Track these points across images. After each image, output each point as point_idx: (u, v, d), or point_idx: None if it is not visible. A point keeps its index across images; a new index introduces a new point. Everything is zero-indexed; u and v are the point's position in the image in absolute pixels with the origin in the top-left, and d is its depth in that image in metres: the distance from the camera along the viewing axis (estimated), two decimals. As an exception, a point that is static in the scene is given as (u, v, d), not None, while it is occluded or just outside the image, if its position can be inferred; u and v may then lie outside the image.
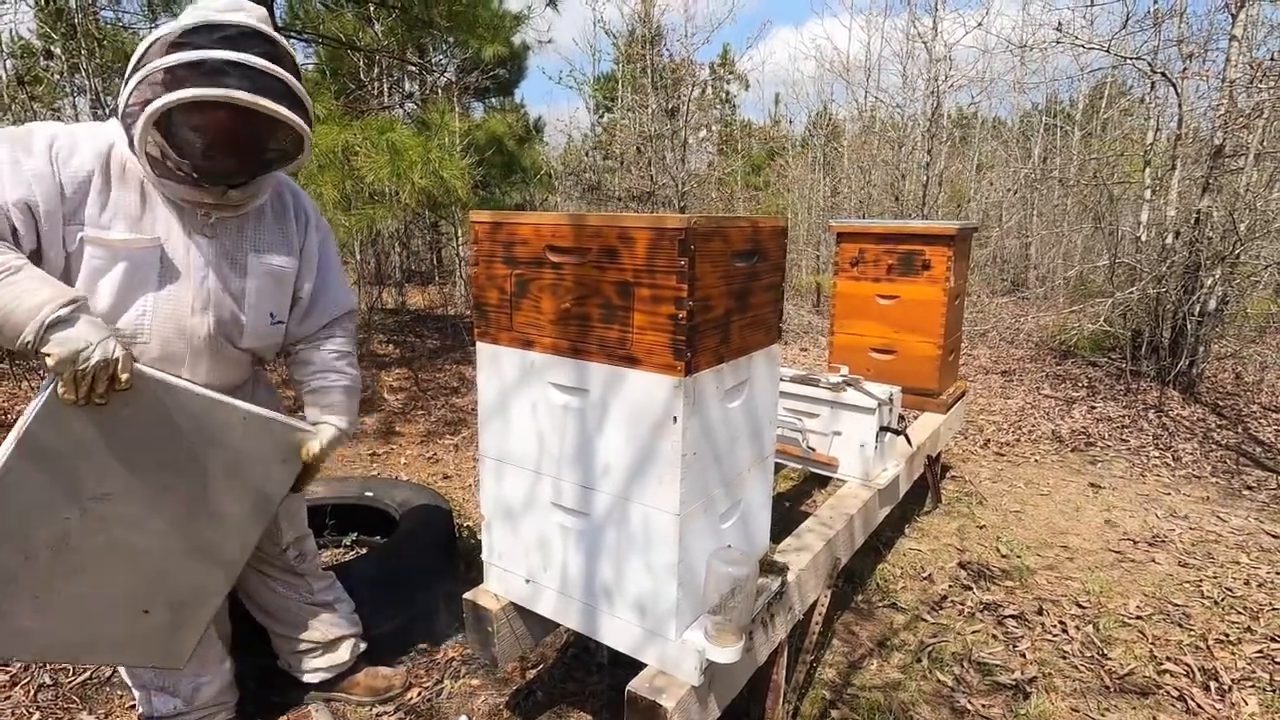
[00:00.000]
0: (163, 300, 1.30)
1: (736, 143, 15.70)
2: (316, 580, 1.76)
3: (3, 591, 1.19)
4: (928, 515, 3.15)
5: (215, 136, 1.20)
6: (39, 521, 1.18)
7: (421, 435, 4.16)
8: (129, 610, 1.32)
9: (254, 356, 1.50)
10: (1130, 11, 5.80)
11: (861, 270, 3.08)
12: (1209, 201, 4.95)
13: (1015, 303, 9.41)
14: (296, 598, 1.73)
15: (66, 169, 1.19)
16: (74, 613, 1.27)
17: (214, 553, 1.37)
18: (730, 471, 1.49)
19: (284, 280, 1.46)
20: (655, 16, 9.37)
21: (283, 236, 1.45)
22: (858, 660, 2.14)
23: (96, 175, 1.22)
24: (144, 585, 1.32)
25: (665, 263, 1.24)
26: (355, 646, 1.84)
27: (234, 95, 1.15)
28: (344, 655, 1.81)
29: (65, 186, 1.19)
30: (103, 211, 1.23)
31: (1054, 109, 12.45)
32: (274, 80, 1.20)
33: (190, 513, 1.31)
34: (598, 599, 1.47)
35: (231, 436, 1.32)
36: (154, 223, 1.27)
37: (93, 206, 1.22)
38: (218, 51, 1.16)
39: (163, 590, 1.34)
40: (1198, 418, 4.62)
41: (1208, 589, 2.57)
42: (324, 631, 1.76)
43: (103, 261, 1.23)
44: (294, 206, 1.49)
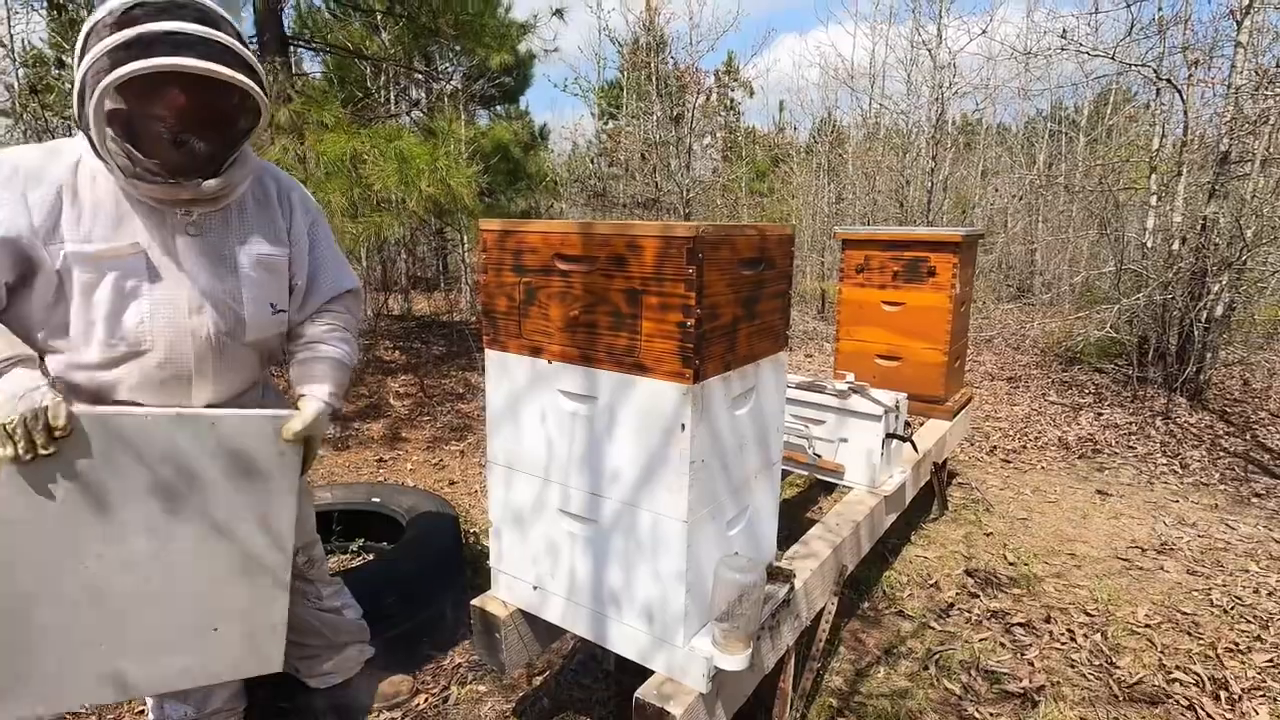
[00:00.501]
0: (159, 305, 1.28)
1: (741, 149, 15.74)
2: (324, 586, 1.76)
3: (66, 644, 1.19)
4: (934, 522, 3.14)
5: (170, 118, 1.16)
6: (60, 575, 1.18)
7: (427, 441, 4.17)
8: (197, 633, 1.31)
9: (263, 354, 1.48)
10: (1135, 19, 5.80)
11: (867, 277, 3.08)
12: (1215, 208, 4.94)
13: (1021, 309, 9.39)
14: (305, 604, 1.72)
15: (33, 195, 1.18)
16: (147, 646, 1.27)
17: (252, 560, 1.35)
18: (738, 478, 1.49)
19: (277, 269, 1.43)
20: (660, 25, 9.43)
21: (269, 225, 1.41)
22: (865, 668, 2.13)
23: (65, 192, 1.21)
24: (198, 607, 1.31)
25: (673, 271, 1.25)
26: (361, 652, 1.84)
27: (176, 63, 1.10)
28: (350, 662, 1.81)
29: (34, 213, 1.18)
30: (79, 226, 1.21)
31: (1059, 115, 12.46)
32: (214, 45, 1.15)
33: (209, 529, 1.31)
34: (605, 606, 1.48)
35: (210, 446, 1.29)
36: (134, 229, 1.25)
37: (69, 223, 1.21)
38: (150, 25, 1.11)
39: (219, 606, 1.33)
40: (1205, 425, 4.60)
41: (1217, 597, 2.56)
42: (330, 637, 1.77)
43: (90, 275, 1.22)
44: (277, 193, 1.45)
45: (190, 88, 1.15)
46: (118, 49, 1.10)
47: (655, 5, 9.27)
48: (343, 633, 1.79)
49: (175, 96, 1.15)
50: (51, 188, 1.20)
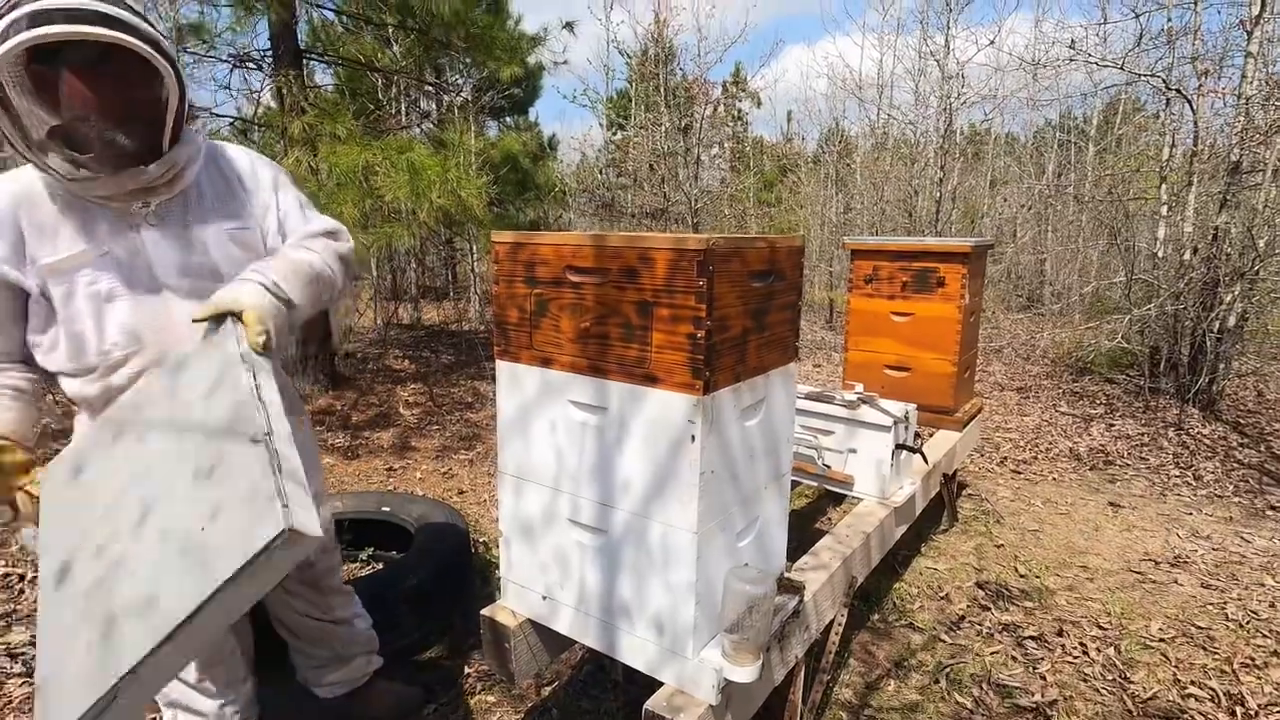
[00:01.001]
0: (141, 304, 1.26)
1: (749, 159, 15.79)
2: (335, 596, 1.75)
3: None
4: (944, 534, 3.13)
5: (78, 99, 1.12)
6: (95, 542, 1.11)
7: (437, 450, 4.18)
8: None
9: None
10: (1144, 29, 5.80)
11: (876, 287, 3.08)
12: (1227, 218, 4.92)
13: (1031, 319, 9.35)
14: (315, 614, 1.73)
15: None
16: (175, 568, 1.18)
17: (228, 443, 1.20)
18: (747, 489, 1.49)
19: (248, 242, 1.39)
20: (668, 37, 9.50)
21: (229, 196, 1.38)
22: (875, 681, 2.12)
23: (21, 214, 1.21)
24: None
25: (684, 283, 1.26)
26: (369, 662, 1.84)
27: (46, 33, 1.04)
28: (358, 672, 1.81)
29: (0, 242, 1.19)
30: (43, 242, 1.21)
31: (1068, 125, 12.44)
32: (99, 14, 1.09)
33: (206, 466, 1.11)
34: (615, 616, 1.48)
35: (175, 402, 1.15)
36: (97, 233, 1.24)
37: (34, 243, 1.21)
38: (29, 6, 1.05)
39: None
40: (1219, 436, 4.56)
41: (1232, 611, 2.53)
42: (339, 649, 1.77)
43: (64, 287, 1.22)
44: (229, 166, 1.41)
45: (89, 67, 1.11)
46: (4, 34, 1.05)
47: (664, 18, 9.35)
48: (352, 644, 1.79)
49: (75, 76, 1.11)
50: (7, 213, 1.20)
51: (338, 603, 1.75)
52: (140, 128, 1.20)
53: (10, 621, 2.30)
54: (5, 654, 2.11)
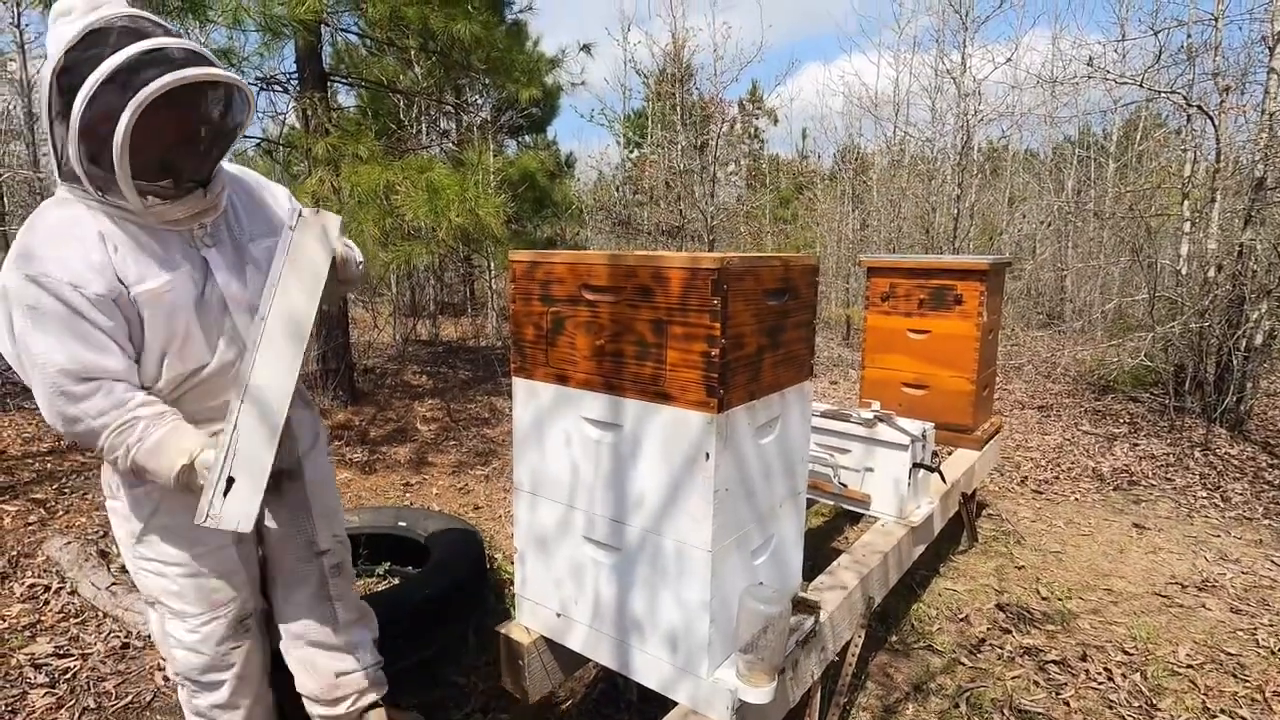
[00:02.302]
0: (213, 321, 1.33)
1: (765, 177, 15.84)
2: (345, 611, 1.63)
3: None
4: (963, 554, 3.08)
5: (173, 131, 1.18)
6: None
7: (453, 466, 4.21)
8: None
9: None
10: (1163, 46, 5.77)
11: (893, 305, 3.07)
12: (1252, 234, 4.84)
13: (1051, 336, 9.23)
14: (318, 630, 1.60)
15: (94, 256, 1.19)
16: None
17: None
18: (763, 508, 1.49)
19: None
20: (685, 56, 9.60)
21: (256, 212, 1.43)
22: (893, 704, 2.08)
23: (105, 243, 1.21)
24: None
25: (699, 301, 1.27)
26: (357, 700, 1.67)
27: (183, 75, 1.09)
28: (341, 710, 1.65)
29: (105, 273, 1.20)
30: (130, 268, 1.23)
31: (1087, 141, 12.36)
32: (188, 51, 1.15)
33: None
34: (629, 634, 1.48)
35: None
36: (172, 258, 1.28)
37: (121, 269, 1.22)
38: (129, 50, 1.09)
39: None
40: (1247, 456, 4.46)
41: (1263, 638, 2.46)
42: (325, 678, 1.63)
43: (153, 310, 1.25)
44: (241, 183, 1.45)
45: (180, 98, 1.13)
46: (106, 84, 1.07)
47: (681, 38, 9.46)
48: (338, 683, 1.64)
49: (171, 110, 1.14)
50: (96, 245, 1.20)
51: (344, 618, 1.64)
52: (216, 154, 1.29)
53: (35, 632, 2.34)
54: (30, 664, 2.15)
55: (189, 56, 1.15)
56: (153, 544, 1.40)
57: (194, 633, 1.44)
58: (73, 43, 1.10)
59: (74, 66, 1.10)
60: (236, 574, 1.47)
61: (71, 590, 2.59)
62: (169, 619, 1.45)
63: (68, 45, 1.11)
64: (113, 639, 2.30)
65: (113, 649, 2.25)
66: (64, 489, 3.55)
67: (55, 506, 3.34)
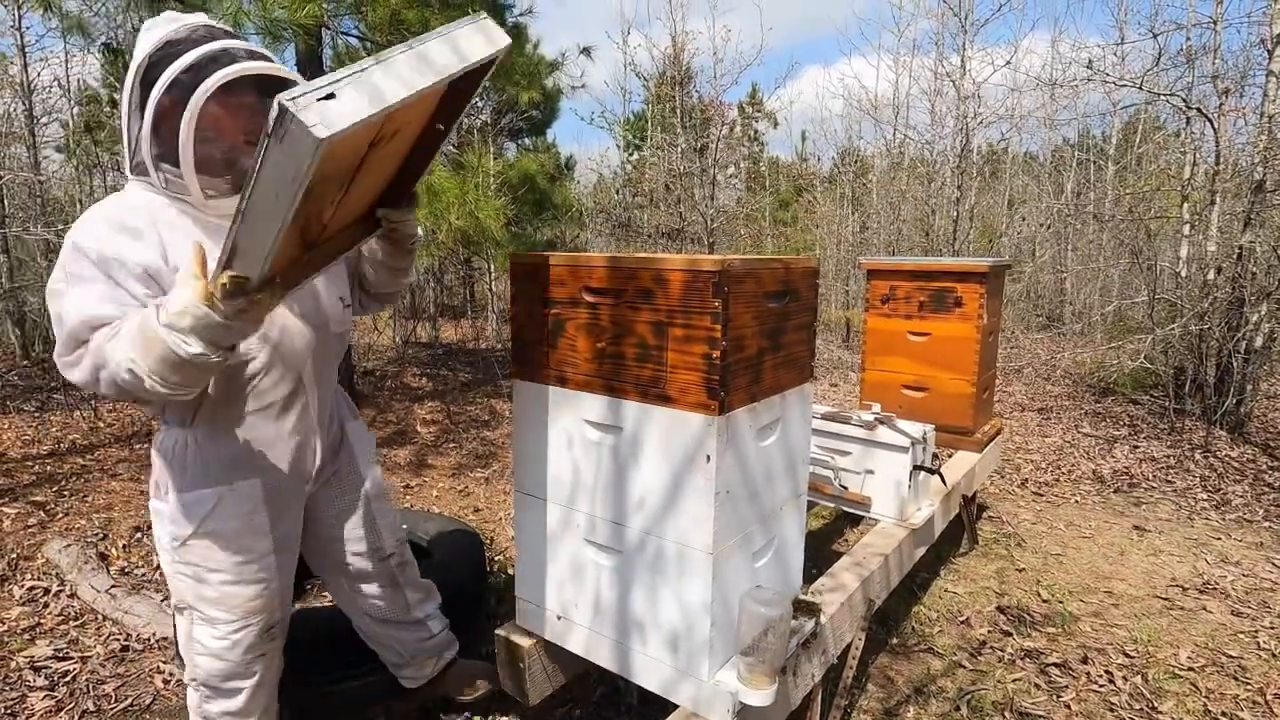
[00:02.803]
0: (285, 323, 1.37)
1: (764, 179, 15.87)
2: (413, 592, 1.80)
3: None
4: (964, 556, 3.08)
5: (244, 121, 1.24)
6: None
7: (453, 468, 4.20)
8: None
9: (340, 353, 1.56)
10: (1162, 48, 5.79)
11: (892, 307, 3.07)
12: (1251, 237, 4.85)
13: (1051, 338, 9.23)
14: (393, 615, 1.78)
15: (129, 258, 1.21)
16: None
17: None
18: (763, 510, 1.49)
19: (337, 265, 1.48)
20: (685, 59, 9.62)
21: None
22: (894, 706, 2.08)
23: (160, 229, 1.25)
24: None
25: (699, 303, 1.27)
26: (440, 661, 1.88)
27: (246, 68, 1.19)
28: (428, 669, 1.87)
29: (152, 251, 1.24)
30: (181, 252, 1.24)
31: (1086, 144, 12.38)
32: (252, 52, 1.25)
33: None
34: (629, 637, 1.47)
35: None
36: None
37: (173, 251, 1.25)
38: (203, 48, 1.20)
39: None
40: (1248, 458, 4.46)
41: (1264, 640, 2.46)
42: (408, 654, 1.82)
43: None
44: None
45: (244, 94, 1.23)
46: (184, 74, 1.18)
47: (681, 41, 9.48)
48: (420, 650, 1.83)
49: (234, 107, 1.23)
50: (148, 223, 1.25)
51: (413, 599, 1.80)
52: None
53: (34, 635, 2.33)
54: (30, 667, 2.15)
55: (252, 56, 1.25)
56: (197, 549, 1.39)
57: (223, 640, 1.45)
58: (155, 47, 1.23)
59: (154, 65, 1.21)
60: (273, 582, 1.48)
61: (71, 593, 2.58)
62: (198, 624, 1.45)
63: (151, 49, 1.23)
64: (112, 642, 2.30)
65: (112, 652, 2.25)
66: (64, 492, 3.55)
67: (55, 509, 3.34)
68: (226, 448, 1.38)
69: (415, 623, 1.81)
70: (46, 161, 7.76)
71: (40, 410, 4.83)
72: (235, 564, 1.41)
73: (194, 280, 1.02)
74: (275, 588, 1.49)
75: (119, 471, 3.88)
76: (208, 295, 1.01)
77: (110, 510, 3.35)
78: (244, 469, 1.40)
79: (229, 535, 1.40)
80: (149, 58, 1.22)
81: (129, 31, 6.47)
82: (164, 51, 1.21)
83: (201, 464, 1.37)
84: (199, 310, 1.01)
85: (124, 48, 5.91)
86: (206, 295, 1.01)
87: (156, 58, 1.21)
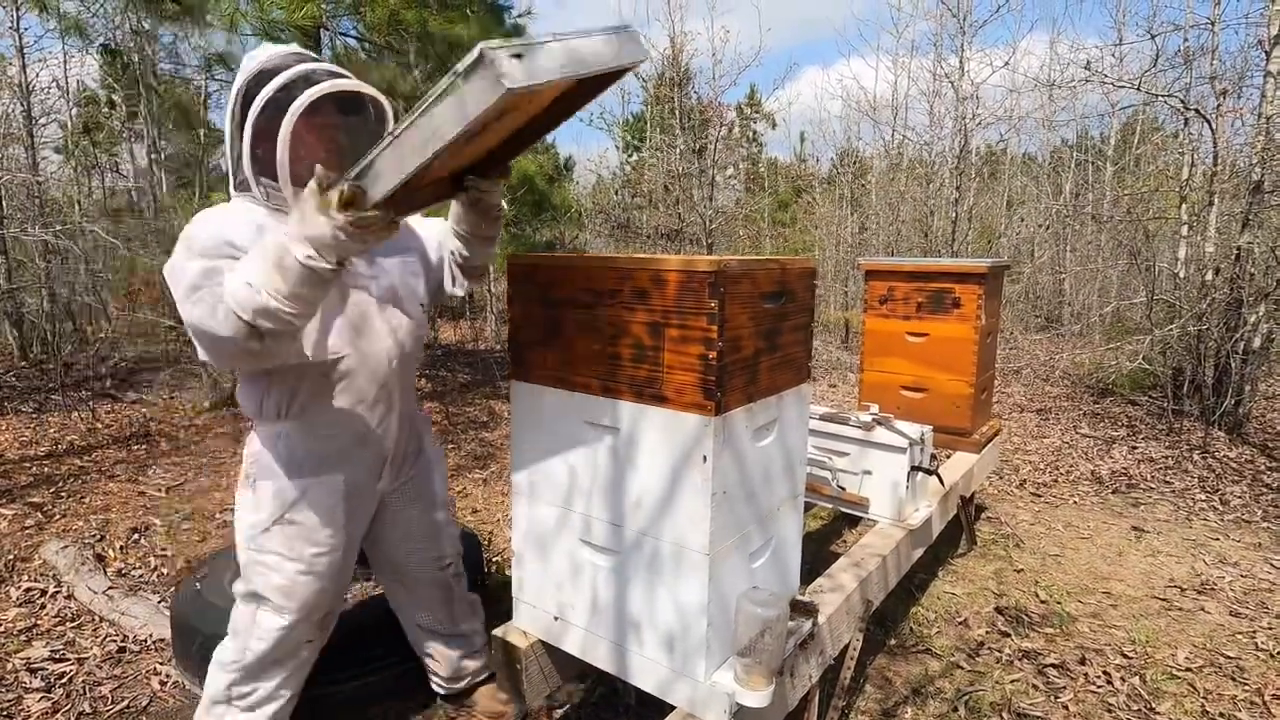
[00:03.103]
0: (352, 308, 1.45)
1: (763, 180, 15.88)
2: (461, 605, 1.87)
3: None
4: (962, 557, 3.08)
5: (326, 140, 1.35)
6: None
7: (451, 469, 4.20)
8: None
9: (417, 357, 1.65)
10: (1160, 49, 5.79)
11: (891, 308, 3.07)
12: (1249, 237, 4.85)
13: (1050, 339, 9.24)
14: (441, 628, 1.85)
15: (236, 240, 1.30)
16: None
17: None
18: (760, 510, 1.48)
19: (412, 267, 1.58)
20: (684, 60, 9.62)
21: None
22: (892, 707, 2.08)
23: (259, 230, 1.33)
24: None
25: (695, 304, 1.27)
26: (473, 679, 1.94)
27: (337, 85, 1.32)
28: (461, 684, 1.93)
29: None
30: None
31: (1085, 144, 12.39)
32: (334, 71, 1.38)
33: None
34: (626, 638, 1.47)
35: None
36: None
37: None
38: (298, 68, 1.34)
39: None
40: (1246, 459, 4.46)
41: (1263, 641, 2.46)
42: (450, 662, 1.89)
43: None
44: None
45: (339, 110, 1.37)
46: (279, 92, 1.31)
47: (679, 42, 9.49)
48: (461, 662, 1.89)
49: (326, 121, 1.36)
50: (248, 222, 1.34)
51: (460, 612, 1.87)
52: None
53: (31, 636, 2.33)
54: (26, 669, 2.14)
55: (333, 75, 1.37)
56: (277, 537, 1.48)
57: (286, 628, 1.53)
58: (253, 74, 1.36)
59: (250, 90, 1.34)
60: (341, 576, 1.59)
61: (68, 594, 2.58)
62: (264, 610, 1.52)
63: (248, 77, 1.36)
64: (109, 643, 2.29)
65: (109, 653, 2.24)
66: (61, 493, 3.54)
67: (52, 510, 3.33)
68: (315, 443, 1.48)
69: (460, 636, 1.88)
70: (45, 162, 7.76)
71: (38, 411, 4.82)
72: (310, 555, 1.50)
73: (314, 193, 1.10)
74: (342, 584, 1.60)
75: (117, 473, 3.88)
76: (325, 204, 1.09)
77: (108, 511, 3.35)
78: (329, 465, 1.50)
79: (309, 526, 1.49)
80: (246, 84, 1.35)
81: (127, 32, 6.47)
82: (259, 79, 1.35)
83: (290, 457, 1.47)
84: (315, 218, 1.10)
85: (122, 48, 5.91)
86: (325, 204, 1.09)
87: (254, 84, 1.34)
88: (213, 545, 3.04)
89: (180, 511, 3.41)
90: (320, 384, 1.45)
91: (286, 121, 1.29)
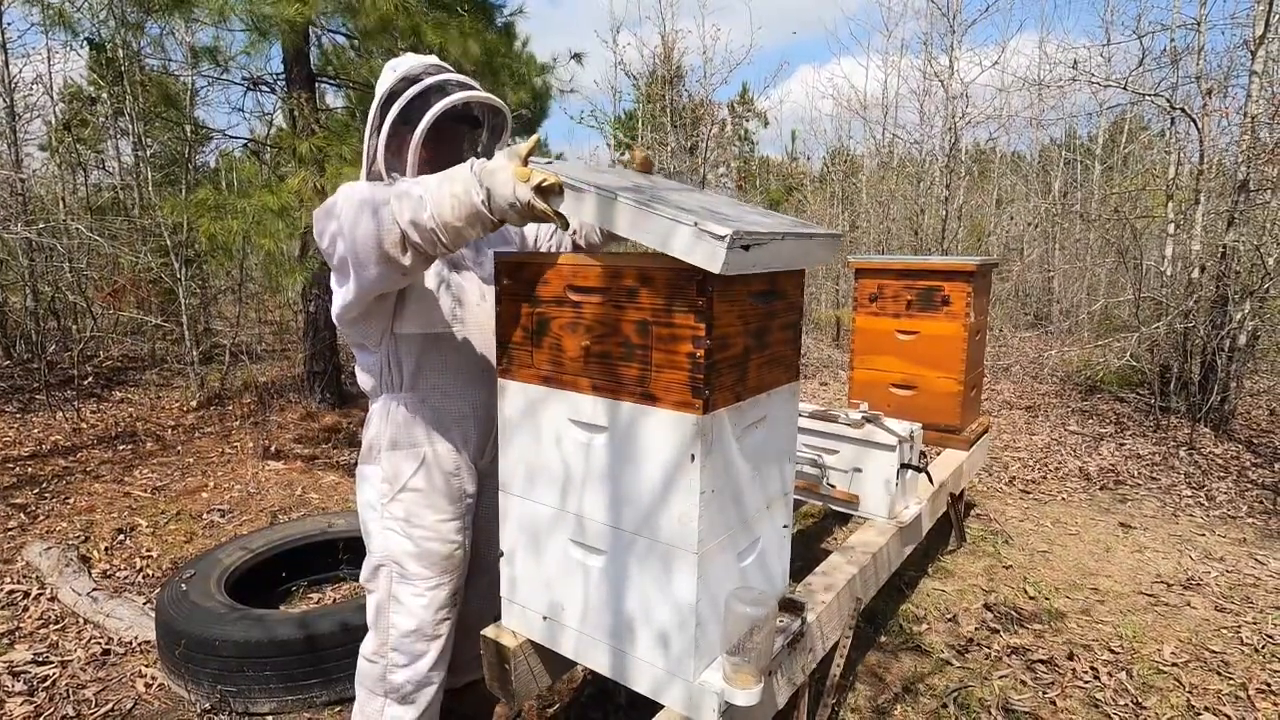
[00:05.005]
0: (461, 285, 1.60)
1: (755, 179, 15.89)
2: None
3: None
4: (951, 554, 3.09)
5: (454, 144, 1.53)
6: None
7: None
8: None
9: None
10: (1147, 49, 5.83)
11: (881, 306, 3.08)
12: (1235, 235, 4.90)
13: (1038, 337, 9.29)
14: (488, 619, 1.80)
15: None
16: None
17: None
18: (749, 509, 1.48)
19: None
20: (675, 58, 9.61)
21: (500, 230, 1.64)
22: (882, 705, 2.08)
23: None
24: None
25: (684, 302, 1.26)
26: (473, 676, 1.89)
27: (470, 95, 1.47)
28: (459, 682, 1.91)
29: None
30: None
31: (1073, 143, 12.47)
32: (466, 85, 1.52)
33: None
34: (615, 638, 1.47)
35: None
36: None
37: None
38: (432, 78, 1.48)
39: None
40: (1232, 455, 4.50)
41: (1247, 635, 2.48)
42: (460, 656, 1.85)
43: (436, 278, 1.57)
44: None
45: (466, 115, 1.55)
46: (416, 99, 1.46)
47: (670, 41, 9.48)
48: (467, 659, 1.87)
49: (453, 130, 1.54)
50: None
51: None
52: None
53: (13, 639, 2.30)
54: (8, 672, 2.11)
55: (462, 86, 1.51)
56: (403, 503, 1.58)
57: (420, 596, 1.60)
58: (394, 83, 1.50)
59: (392, 95, 1.49)
60: (464, 545, 1.66)
61: (51, 596, 2.55)
62: (398, 581, 1.60)
63: (392, 83, 1.51)
64: (93, 646, 2.27)
65: (93, 656, 2.22)
66: (45, 493, 3.50)
67: (36, 511, 3.29)
68: (431, 411, 1.59)
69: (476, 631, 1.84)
70: (28, 159, 7.66)
71: (22, 411, 4.76)
72: (435, 520, 1.60)
73: (516, 159, 1.23)
74: (464, 554, 1.66)
75: (101, 473, 3.84)
76: (523, 175, 1.21)
77: (92, 512, 3.31)
78: (444, 433, 1.61)
79: (430, 493, 1.59)
80: (390, 89, 1.50)
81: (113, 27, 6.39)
82: (400, 85, 1.49)
83: (408, 426, 1.58)
84: (507, 179, 1.21)
85: (107, 43, 5.83)
86: (522, 175, 1.21)
87: (397, 89, 1.48)
88: (199, 546, 3.01)
89: (166, 512, 3.37)
90: (433, 357, 1.58)
91: (420, 128, 1.43)
